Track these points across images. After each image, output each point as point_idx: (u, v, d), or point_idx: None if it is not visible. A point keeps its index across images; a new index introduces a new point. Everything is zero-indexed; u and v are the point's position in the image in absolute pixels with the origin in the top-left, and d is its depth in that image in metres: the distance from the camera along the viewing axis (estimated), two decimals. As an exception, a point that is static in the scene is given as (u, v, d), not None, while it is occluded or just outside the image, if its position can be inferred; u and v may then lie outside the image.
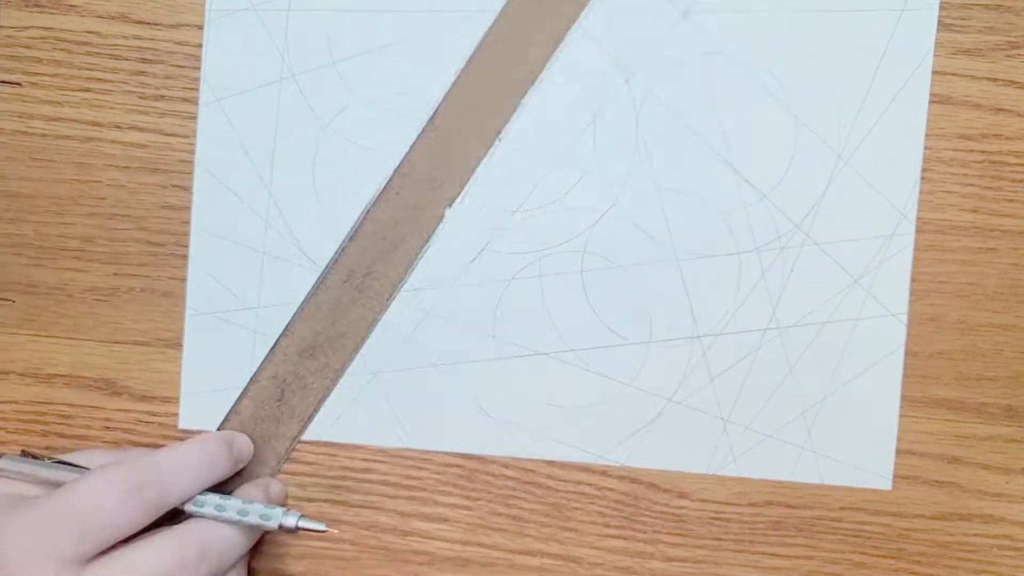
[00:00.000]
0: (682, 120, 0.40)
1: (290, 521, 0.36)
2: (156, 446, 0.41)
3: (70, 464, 0.36)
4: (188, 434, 0.41)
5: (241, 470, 0.40)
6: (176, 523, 0.36)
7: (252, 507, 0.36)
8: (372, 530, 0.41)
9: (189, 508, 0.36)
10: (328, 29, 0.40)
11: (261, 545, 0.41)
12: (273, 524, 0.36)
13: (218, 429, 0.40)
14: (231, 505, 0.36)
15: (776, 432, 0.40)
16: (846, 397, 0.40)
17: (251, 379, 0.40)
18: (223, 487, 0.39)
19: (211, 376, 0.41)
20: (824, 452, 0.40)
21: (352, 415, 0.41)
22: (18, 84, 0.41)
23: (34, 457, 0.36)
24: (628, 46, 0.40)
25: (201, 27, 0.40)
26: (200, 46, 0.40)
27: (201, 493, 0.36)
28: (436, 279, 0.40)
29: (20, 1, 0.40)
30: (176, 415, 0.41)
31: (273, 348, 0.40)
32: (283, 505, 0.39)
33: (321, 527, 0.37)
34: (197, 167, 0.40)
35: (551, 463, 0.41)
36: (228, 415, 0.40)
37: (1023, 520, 0.40)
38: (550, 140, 0.40)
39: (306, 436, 0.41)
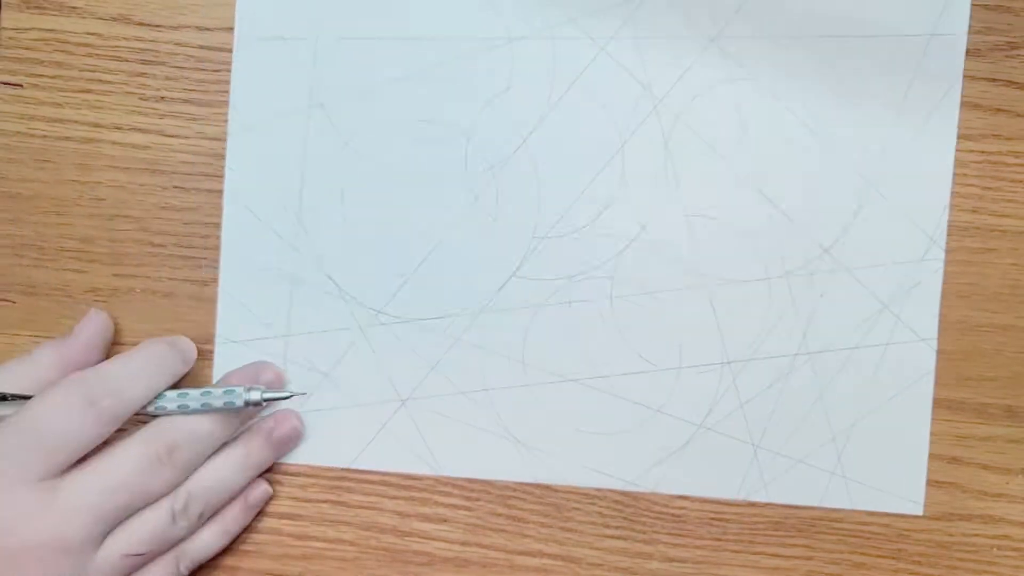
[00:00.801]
0: (711, 146, 0.40)
1: (254, 396, 0.36)
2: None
3: (13, 396, 0.36)
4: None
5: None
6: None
7: (214, 393, 0.36)
8: (372, 530, 0.41)
9: (152, 410, 0.36)
10: (356, 57, 0.40)
11: (261, 546, 0.41)
12: (239, 403, 0.36)
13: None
14: (192, 396, 0.36)
15: (806, 457, 0.40)
16: (876, 422, 0.40)
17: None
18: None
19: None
20: (854, 477, 0.40)
21: (380, 443, 0.41)
22: (19, 86, 0.41)
23: None
24: (656, 72, 0.40)
25: (201, 28, 0.40)
26: (201, 47, 0.40)
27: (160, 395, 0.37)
28: (465, 306, 0.40)
29: (21, 3, 0.40)
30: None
31: None
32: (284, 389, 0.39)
33: (285, 394, 0.37)
34: (226, 195, 0.40)
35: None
36: None
37: (1023, 520, 0.40)
38: (579, 166, 0.40)
39: (333, 463, 0.41)
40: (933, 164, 0.40)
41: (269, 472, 0.41)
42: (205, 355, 0.41)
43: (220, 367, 0.40)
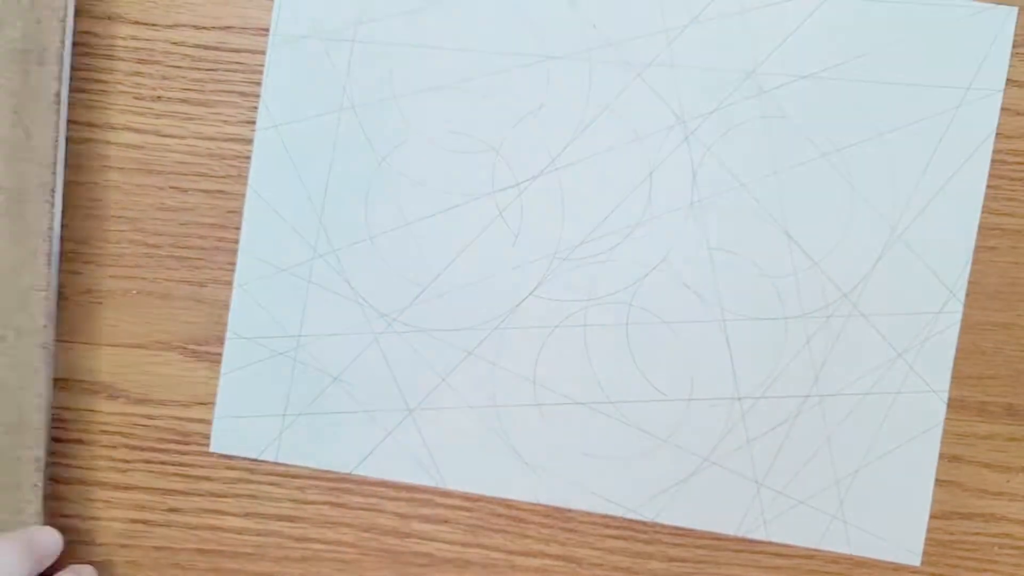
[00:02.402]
0: (739, 181, 0.40)
1: None
2: (155, 449, 0.41)
3: None
4: (222, 459, 0.41)
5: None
6: None
7: None
8: (372, 532, 0.41)
9: None
10: (392, 63, 0.40)
11: (261, 548, 0.40)
12: None
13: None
14: None
15: (808, 499, 0.40)
16: (880, 470, 0.40)
17: None
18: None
19: (245, 401, 0.40)
20: (854, 523, 0.40)
21: (385, 451, 0.40)
22: (13, 85, 0.40)
23: None
24: (691, 103, 0.39)
25: (197, 27, 0.40)
26: (197, 46, 0.40)
27: None
28: (480, 320, 0.40)
29: (14, 1, 0.40)
30: (175, 418, 0.41)
31: None
32: None
33: None
34: (249, 190, 0.40)
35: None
36: None
37: (1024, 518, 0.40)
38: (606, 190, 0.40)
39: (335, 468, 0.41)
40: (959, 217, 0.40)
41: (271, 474, 0.41)
42: (203, 356, 0.41)
43: (230, 362, 0.40)
